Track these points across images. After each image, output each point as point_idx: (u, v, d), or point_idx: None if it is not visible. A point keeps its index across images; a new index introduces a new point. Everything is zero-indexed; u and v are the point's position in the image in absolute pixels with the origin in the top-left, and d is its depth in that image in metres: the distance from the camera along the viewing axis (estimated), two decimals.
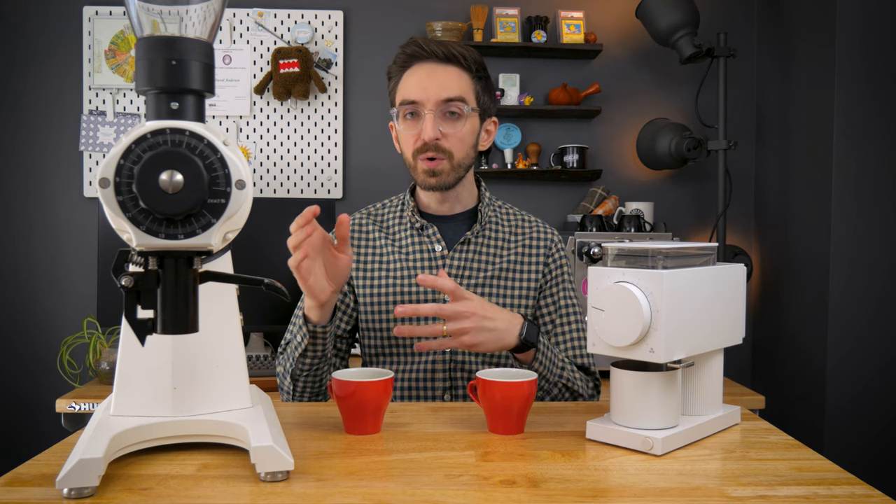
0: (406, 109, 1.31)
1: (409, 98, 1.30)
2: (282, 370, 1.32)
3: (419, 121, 1.31)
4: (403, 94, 1.31)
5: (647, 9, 2.58)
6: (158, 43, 0.77)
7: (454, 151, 1.31)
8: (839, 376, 2.31)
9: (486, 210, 1.40)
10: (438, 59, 1.31)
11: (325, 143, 2.78)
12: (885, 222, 2.30)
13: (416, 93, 1.29)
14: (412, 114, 1.31)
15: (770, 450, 0.93)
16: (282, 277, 0.96)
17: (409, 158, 1.34)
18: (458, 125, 1.31)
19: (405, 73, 1.33)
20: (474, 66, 1.33)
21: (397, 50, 1.35)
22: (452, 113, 1.30)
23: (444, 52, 1.30)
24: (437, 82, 1.29)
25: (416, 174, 1.33)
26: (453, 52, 1.31)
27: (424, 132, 1.29)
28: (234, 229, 0.84)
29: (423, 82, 1.30)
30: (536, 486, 0.79)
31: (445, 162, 1.30)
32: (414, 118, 1.32)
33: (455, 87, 1.30)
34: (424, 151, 1.30)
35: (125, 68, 2.71)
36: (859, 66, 2.29)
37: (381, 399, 0.98)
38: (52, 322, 2.73)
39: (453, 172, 1.32)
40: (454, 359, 1.33)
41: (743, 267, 1.05)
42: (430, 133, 1.28)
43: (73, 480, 0.74)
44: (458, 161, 1.32)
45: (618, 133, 2.86)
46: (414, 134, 1.31)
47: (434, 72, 1.30)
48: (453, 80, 1.31)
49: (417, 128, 1.31)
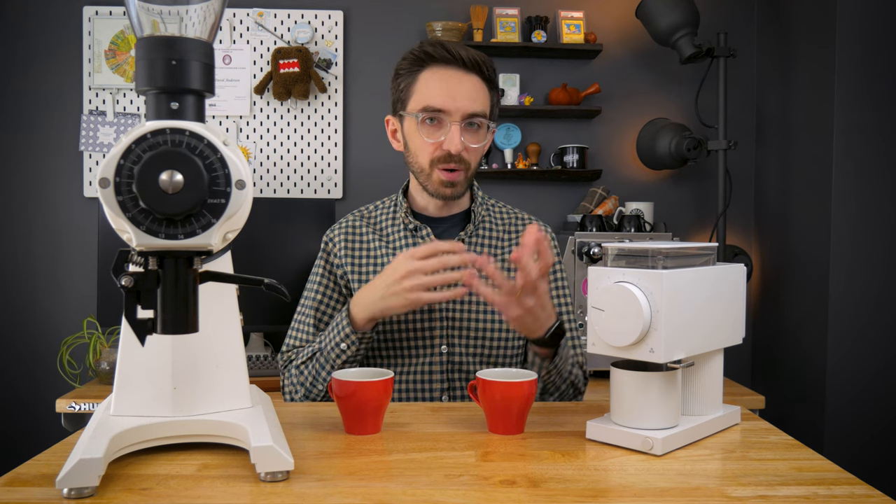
0: (428, 115, 1.28)
1: (434, 105, 1.26)
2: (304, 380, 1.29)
3: (441, 129, 1.28)
4: (428, 98, 1.27)
5: (647, 9, 2.58)
6: (158, 43, 0.77)
7: (472, 162, 1.31)
8: (839, 376, 2.31)
9: (480, 210, 1.40)
10: (465, 67, 1.28)
11: (325, 143, 2.78)
12: (885, 222, 2.30)
13: (444, 101, 1.26)
14: (432, 119, 1.28)
15: (770, 450, 0.93)
16: (282, 277, 0.96)
17: (423, 165, 1.31)
18: (478, 137, 1.30)
19: (424, 74, 1.29)
20: (493, 75, 1.32)
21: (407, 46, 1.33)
22: (474, 125, 1.29)
23: (470, 60, 1.27)
24: (465, 93, 1.27)
25: (430, 182, 1.31)
26: (477, 59, 1.28)
27: (452, 144, 1.26)
28: (234, 229, 0.84)
29: (451, 90, 1.26)
30: (536, 486, 0.79)
31: (462, 173, 1.30)
32: (435, 124, 1.28)
33: (480, 100, 1.28)
34: (446, 162, 1.28)
35: (125, 68, 2.71)
36: (859, 67, 2.29)
37: (381, 399, 0.98)
38: (52, 322, 2.73)
39: (467, 182, 1.33)
40: (451, 360, 1.32)
41: (743, 267, 1.05)
42: (458, 146, 1.26)
43: (73, 480, 0.74)
44: (472, 172, 1.32)
45: (618, 133, 2.86)
46: (434, 142, 1.28)
47: (461, 81, 1.27)
48: (479, 92, 1.29)
49: (438, 136, 1.28)
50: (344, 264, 1.37)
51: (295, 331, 1.39)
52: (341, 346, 1.23)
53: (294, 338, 1.38)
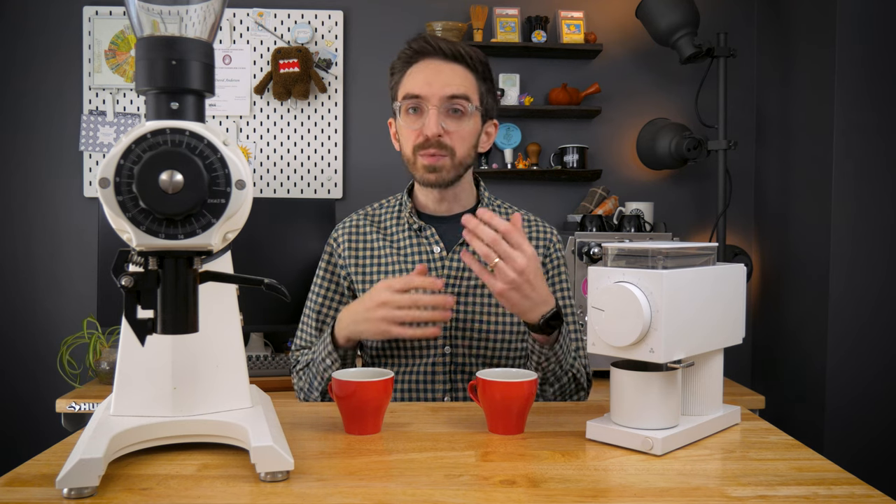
0: (409, 104, 1.30)
1: (412, 92, 1.29)
2: (303, 385, 1.35)
3: (421, 116, 1.30)
4: (407, 88, 1.30)
5: (647, 9, 2.58)
6: (158, 43, 0.77)
7: (456, 148, 1.30)
8: (839, 376, 2.31)
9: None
10: (445, 57, 1.30)
11: (325, 143, 2.78)
12: (885, 222, 2.30)
13: (421, 87, 1.28)
14: (414, 109, 1.30)
15: (770, 450, 0.93)
16: (282, 277, 0.96)
17: (408, 154, 1.32)
18: (461, 122, 1.30)
19: (410, 69, 1.32)
20: (480, 66, 1.33)
21: (403, 46, 1.34)
22: (456, 110, 1.29)
23: (451, 50, 1.30)
24: (442, 79, 1.28)
25: (416, 170, 1.32)
26: (460, 50, 1.30)
27: (427, 127, 1.27)
28: (234, 229, 0.84)
29: (428, 78, 1.29)
30: (536, 486, 0.79)
31: (447, 159, 1.29)
32: (416, 113, 1.30)
33: (460, 84, 1.29)
34: (426, 147, 1.28)
35: (125, 68, 2.71)
36: (859, 67, 2.29)
37: (381, 399, 0.98)
38: (52, 322, 2.73)
39: (454, 170, 1.31)
40: (454, 361, 1.32)
41: (743, 267, 1.05)
42: (433, 129, 1.27)
43: (73, 480, 0.74)
44: (459, 159, 1.31)
45: (618, 133, 2.86)
46: (416, 129, 1.30)
47: (440, 69, 1.30)
48: (459, 77, 1.30)
49: (419, 123, 1.29)
50: (348, 265, 1.37)
51: (301, 332, 1.42)
52: (326, 362, 1.26)
53: (300, 338, 1.41)
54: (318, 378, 1.29)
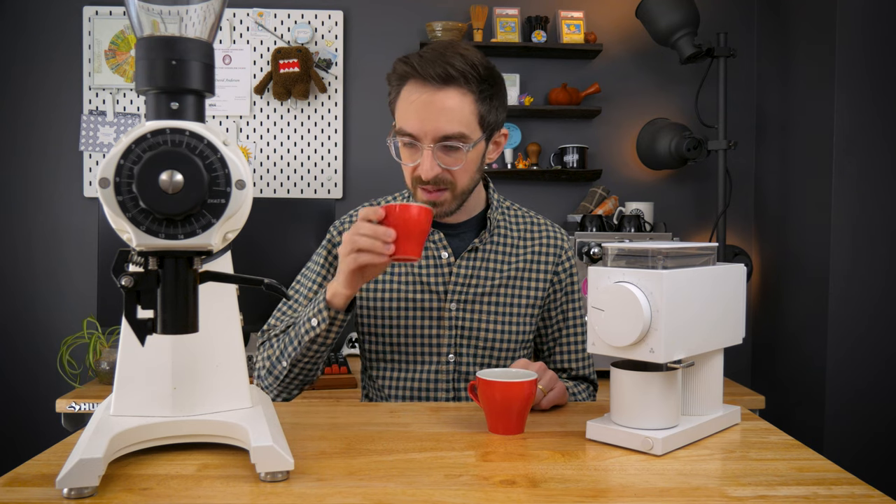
0: (404, 140, 1.23)
1: (406, 129, 1.21)
2: (272, 353, 1.26)
3: (417, 152, 1.22)
4: (401, 121, 1.22)
5: (647, 9, 2.58)
6: (158, 43, 0.77)
7: (457, 182, 1.24)
8: (839, 376, 2.31)
9: (495, 215, 1.35)
10: (435, 82, 1.18)
11: (325, 143, 2.78)
12: (885, 223, 2.30)
13: (413, 126, 1.20)
14: (409, 144, 1.23)
15: (770, 450, 0.93)
16: (282, 278, 0.96)
17: (408, 184, 1.28)
18: (458, 159, 1.22)
19: (402, 92, 1.23)
20: (476, 82, 1.20)
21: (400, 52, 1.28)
22: (451, 147, 1.21)
23: (442, 73, 1.18)
24: (434, 114, 1.18)
25: (417, 199, 1.27)
26: (451, 71, 1.18)
27: (423, 170, 1.20)
28: (234, 229, 0.84)
29: (419, 113, 1.19)
30: (536, 486, 0.79)
31: (447, 192, 1.24)
32: (412, 148, 1.23)
33: (455, 120, 1.19)
34: (423, 184, 1.23)
35: (125, 68, 2.71)
36: (860, 67, 2.29)
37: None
38: (52, 322, 2.73)
39: (455, 201, 1.26)
40: (458, 369, 1.30)
41: (743, 267, 1.05)
42: (429, 172, 1.20)
43: (73, 480, 0.74)
44: (460, 190, 1.25)
45: (618, 133, 2.86)
46: (412, 166, 1.24)
47: (431, 100, 1.19)
48: (453, 110, 1.19)
49: (416, 159, 1.22)
50: None
51: (280, 311, 1.35)
52: (312, 322, 1.18)
53: (277, 318, 1.35)
54: (294, 343, 1.21)
